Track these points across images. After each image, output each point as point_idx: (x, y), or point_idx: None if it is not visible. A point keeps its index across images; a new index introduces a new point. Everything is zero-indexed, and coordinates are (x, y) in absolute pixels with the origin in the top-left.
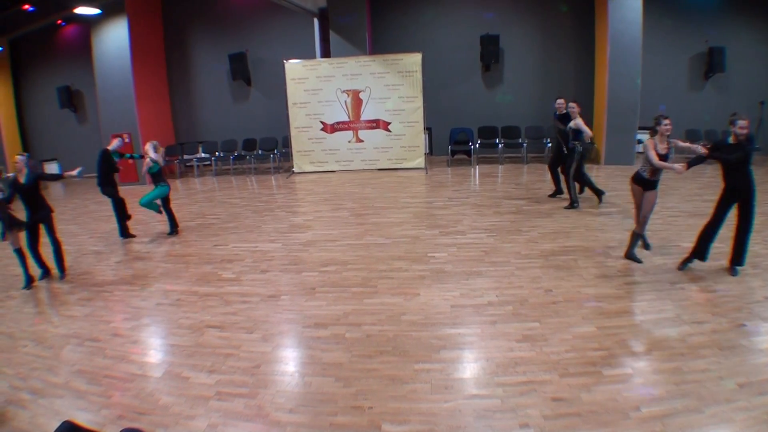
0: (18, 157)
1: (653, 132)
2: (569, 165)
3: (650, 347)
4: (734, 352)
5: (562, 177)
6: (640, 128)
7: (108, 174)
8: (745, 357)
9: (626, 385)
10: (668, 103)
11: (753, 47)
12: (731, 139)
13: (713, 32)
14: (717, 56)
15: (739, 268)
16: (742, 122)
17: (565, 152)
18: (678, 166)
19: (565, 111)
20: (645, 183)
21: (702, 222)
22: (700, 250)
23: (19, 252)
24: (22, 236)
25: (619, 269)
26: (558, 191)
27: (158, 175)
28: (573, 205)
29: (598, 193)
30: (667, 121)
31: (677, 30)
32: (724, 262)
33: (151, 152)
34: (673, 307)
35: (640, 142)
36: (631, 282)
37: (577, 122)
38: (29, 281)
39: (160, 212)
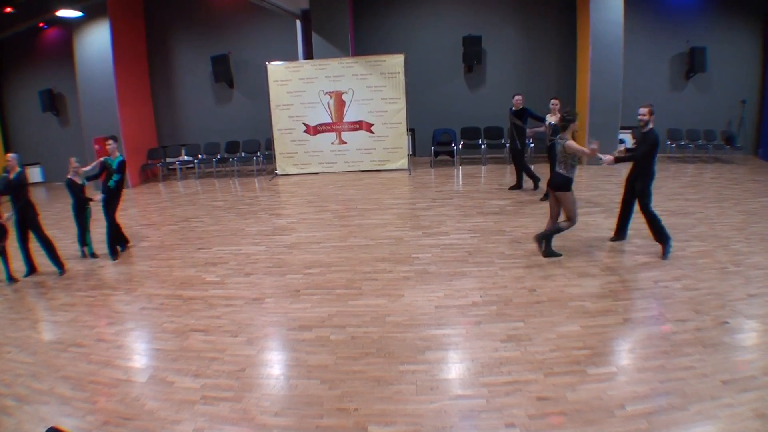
0: (10, 155)
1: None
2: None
3: (634, 345)
4: (717, 350)
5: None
6: (622, 128)
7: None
8: (728, 354)
9: (611, 383)
10: (650, 102)
11: (734, 47)
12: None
13: (694, 32)
14: (698, 56)
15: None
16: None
17: (519, 147)
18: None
19: (521, 107)
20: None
21: (684, 221)
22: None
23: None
24: (11, 237)
25: (603, 268)
26: (519, 185)
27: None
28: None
29: (536, 180)
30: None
31: (658, 30)
32: (708, 260)
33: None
34: (656, 306)
35: (622, 141)
36: (615, 281)
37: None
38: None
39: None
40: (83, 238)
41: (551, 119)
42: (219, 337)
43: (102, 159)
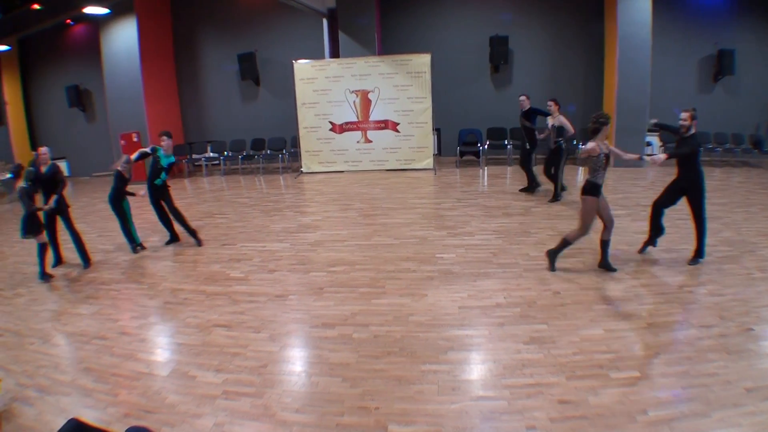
0: (42, 149)
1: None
2: (557, 161)
3: (658, 350)
4: (742, 357)
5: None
6: (649, 130)
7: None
8: (752, 361)
9: (633, 388)
10: (677, 105)
11: (763, 50)
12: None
13: (723, 35)
14: (726, 59)
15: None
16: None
17: (528, 147)
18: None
19: (528, 107)
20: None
21: (710, 225)
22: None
23: (43, 247)
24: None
25: (628, 272)
26: (532, 185)
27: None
28: (556, 198)
29: (558, 190)
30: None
31: (687, 32)
32: (734, 265)
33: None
34: (681, 311)
35: (649, 144)
36: (639, 285)
37: (561, 119)
38: (43, 275)
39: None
40: (128, 231)
41: (551, 121)
42: (242, 332)
43: (150, 147)
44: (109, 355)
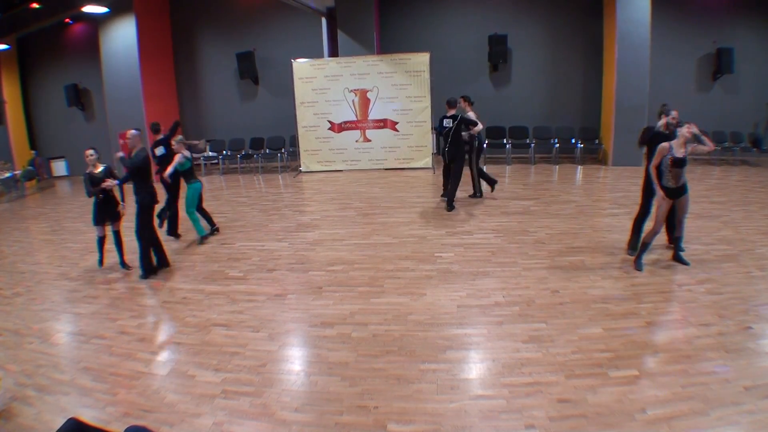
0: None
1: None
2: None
3: (656, 349)
4: (741, 355)
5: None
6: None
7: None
8: (751, 360)
9: (632, 387)
10: (676, 104)
11: (761, 48)
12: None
13: (722, 33)
14: (725, 57)
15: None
16: (674, 113)
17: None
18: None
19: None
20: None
21: (709, 224)
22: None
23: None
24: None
25: (626, 271)
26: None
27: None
28: (477, 194)
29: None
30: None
31: (685, 31)
32: (732, 264)
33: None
34: (679, 309)
35: None
36: (638, 283)
37: (471, 115)
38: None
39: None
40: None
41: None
42: (240, 332)
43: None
44: (108, 354)
